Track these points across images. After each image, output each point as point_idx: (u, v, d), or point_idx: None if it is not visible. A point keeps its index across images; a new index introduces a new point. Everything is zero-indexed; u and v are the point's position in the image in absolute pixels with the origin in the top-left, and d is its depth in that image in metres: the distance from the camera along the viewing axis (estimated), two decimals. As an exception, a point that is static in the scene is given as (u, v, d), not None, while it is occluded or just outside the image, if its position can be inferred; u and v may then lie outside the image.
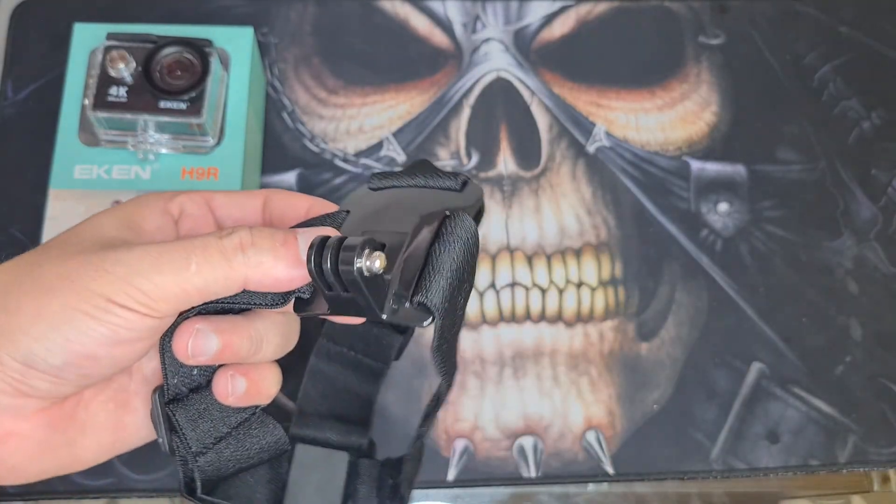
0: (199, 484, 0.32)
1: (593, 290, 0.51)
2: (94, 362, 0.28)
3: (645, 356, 0.49)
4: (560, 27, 0.57)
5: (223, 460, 0.32)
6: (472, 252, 0.29)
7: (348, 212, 0.31)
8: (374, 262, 0.26)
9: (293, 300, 0.29)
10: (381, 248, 0.27)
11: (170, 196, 0.32)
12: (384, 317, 0.27)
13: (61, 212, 0.45)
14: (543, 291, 0.50)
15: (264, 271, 0.28)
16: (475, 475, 0.47)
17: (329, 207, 0.32)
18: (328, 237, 0.27)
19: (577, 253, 0.51)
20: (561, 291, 0.51)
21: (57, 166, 0.46)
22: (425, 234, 0.28)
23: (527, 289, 0.50)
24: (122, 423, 0.31)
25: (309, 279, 0.28)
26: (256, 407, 0.33)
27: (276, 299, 0.29)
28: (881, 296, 0.51)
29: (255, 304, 0.29)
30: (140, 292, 0.26)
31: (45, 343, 0.27)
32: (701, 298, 0.51)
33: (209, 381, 0.31)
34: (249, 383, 0.31)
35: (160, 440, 0.31)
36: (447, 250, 0.28)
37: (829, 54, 0.57)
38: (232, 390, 0.31)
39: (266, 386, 0.32)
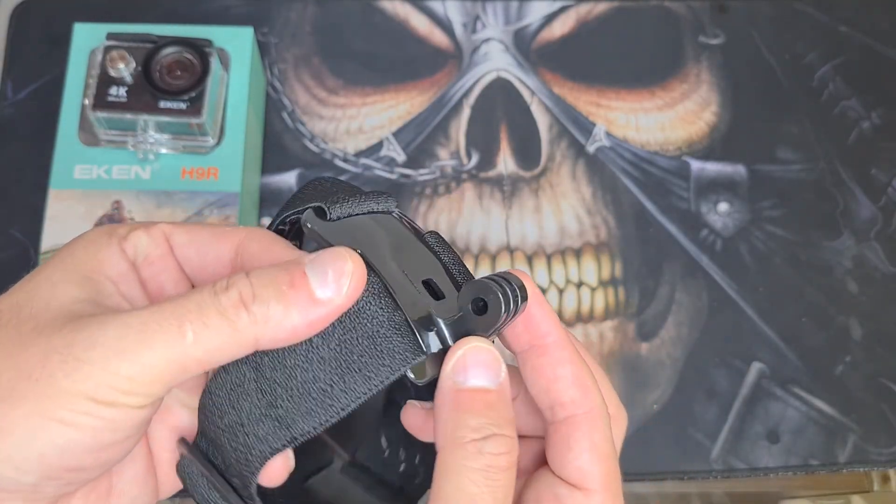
0: None
1: (593, 290, 0.51)
2: (78, 473, 0.23)
3: (645, 356, 0.49)
4: (560, 27, 0.57)
5: None
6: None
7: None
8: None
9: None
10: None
11: (123, 233, 0.26)
12: None
13: (61, 212, 0.45)
14: (543, 291, 0.50)
15: (276, 326, 0.23)
16: (475, 475, 0.47)
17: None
18: (500, 283, 0.24)
19: (577, 253, 0.51)
20: (561, 291, 0.51)
21: (57, 166, 0.46)
22: (434, 258, 0.27)
23: (527, 289, 0.50)
24: None
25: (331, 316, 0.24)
26: None
27: (359, 390, 0.23)
28: (881, 296, 0.51)
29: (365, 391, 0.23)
30: (125, 380, 0.21)
31: (13, 463, 0.22)
32: (701, 298, 0.51)
33: None
34: None
35: None
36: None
37: (829, 54, 0.57)
38: None
39: None
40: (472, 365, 0.24)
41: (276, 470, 0.25)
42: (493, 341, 0.26)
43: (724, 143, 0.54)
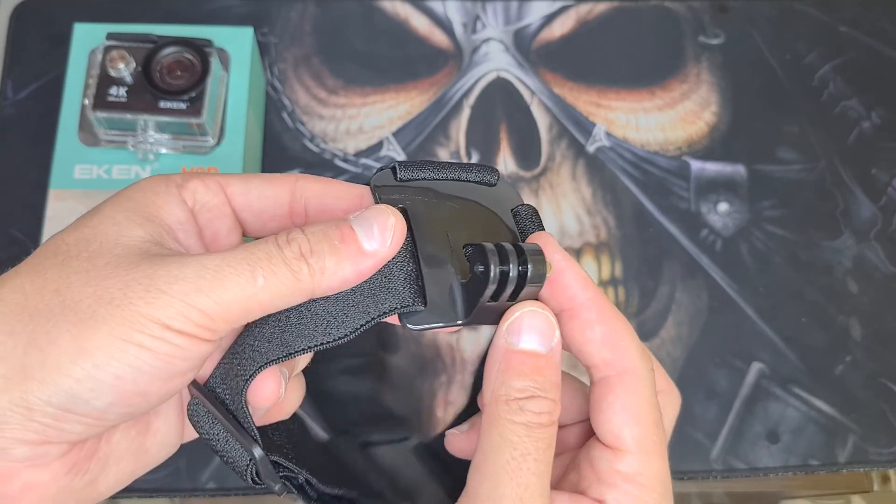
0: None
1: (593, 290, 0.51)
2: (144, 399, 0.24)
3: (645, 356, 0.49)
4: (560, 27, 0.57)
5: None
6: None
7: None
8: (548, 268, 0.25)
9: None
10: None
11: (180, 181, 0.28)
12: None
13: (61, 212, 0.45)
14: (543, 291, 0.50)
15: (330, 276, 0.25)
16: (475, 475, 0.47)
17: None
18: (498, 244, 0.25)
19: (577, 253, 0.51)
20: (561, 291, 0.50)
21: (57, 166, 0.46)
22: (507, 233, 0.28)
23: (527, 289, 0.50)
24: (143, 449, 0.28)
25: (374, 266, 0.26)
26: None
27: (356, 322, 0.25)
28: (881, 296, 0.51)
29: (345, 332, 0.25)
30: (200, 313, 0.23)
31: (90, 384, 0.23)
32: (701, 298, 0.51)
33: None
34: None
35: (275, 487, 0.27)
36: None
37: (829, 54, 0.57)
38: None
39: (289, 401, 0.29)
40: (527, 328, 0.26)
41: (267, 389, 0.26)
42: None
43: (724, 143, 0.54)
